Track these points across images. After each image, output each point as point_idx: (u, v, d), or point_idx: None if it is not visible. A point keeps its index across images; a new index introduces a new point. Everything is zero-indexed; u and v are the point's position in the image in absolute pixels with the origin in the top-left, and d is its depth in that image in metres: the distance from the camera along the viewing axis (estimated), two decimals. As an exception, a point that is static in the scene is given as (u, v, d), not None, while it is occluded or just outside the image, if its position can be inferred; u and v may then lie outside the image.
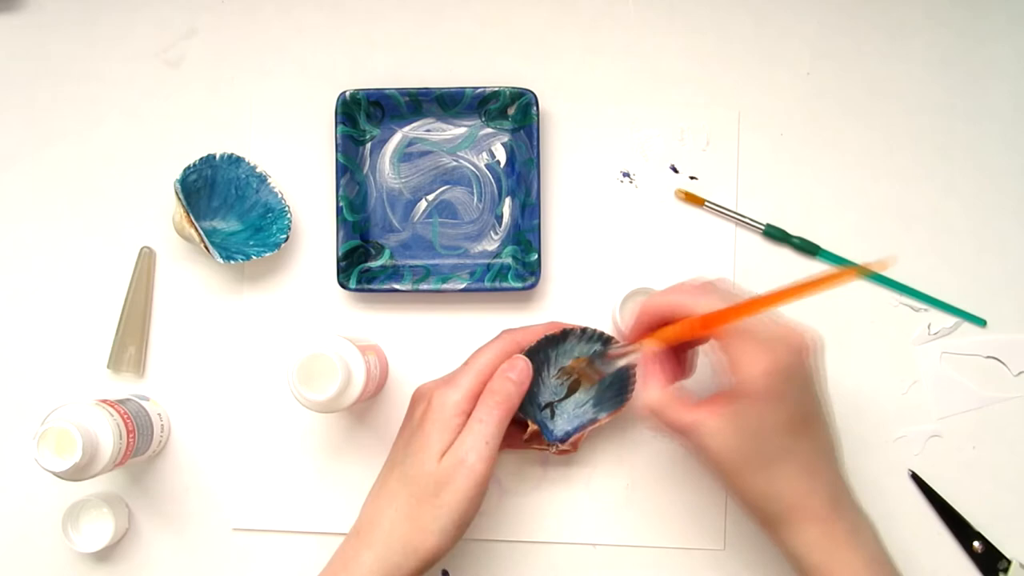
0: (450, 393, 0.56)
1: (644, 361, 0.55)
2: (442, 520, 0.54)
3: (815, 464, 0.52)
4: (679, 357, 0.57)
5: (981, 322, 0.67)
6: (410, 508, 0.55)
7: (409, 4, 0.70)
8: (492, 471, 0.55)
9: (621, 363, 0.57)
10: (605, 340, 0.61)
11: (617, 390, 0.63)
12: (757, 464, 0.51)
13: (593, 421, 0.63)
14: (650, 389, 0.54)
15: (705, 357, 0.59)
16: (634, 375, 0.61)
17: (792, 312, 0.68)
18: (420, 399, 0.59)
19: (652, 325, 0.55)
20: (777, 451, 0.51)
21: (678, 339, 0.54)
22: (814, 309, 0.67)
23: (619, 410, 0.63)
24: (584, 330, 0.61)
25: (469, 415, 0.56)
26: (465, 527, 0.55)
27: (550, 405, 0.62)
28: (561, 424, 0.63)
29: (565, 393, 0.62)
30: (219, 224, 0.69)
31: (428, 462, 0.55)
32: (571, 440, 0.62)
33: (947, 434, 0.67)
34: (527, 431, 0.60)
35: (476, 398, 0.56)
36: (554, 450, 0.62)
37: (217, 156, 0.67)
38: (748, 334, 0.50)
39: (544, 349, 0.60)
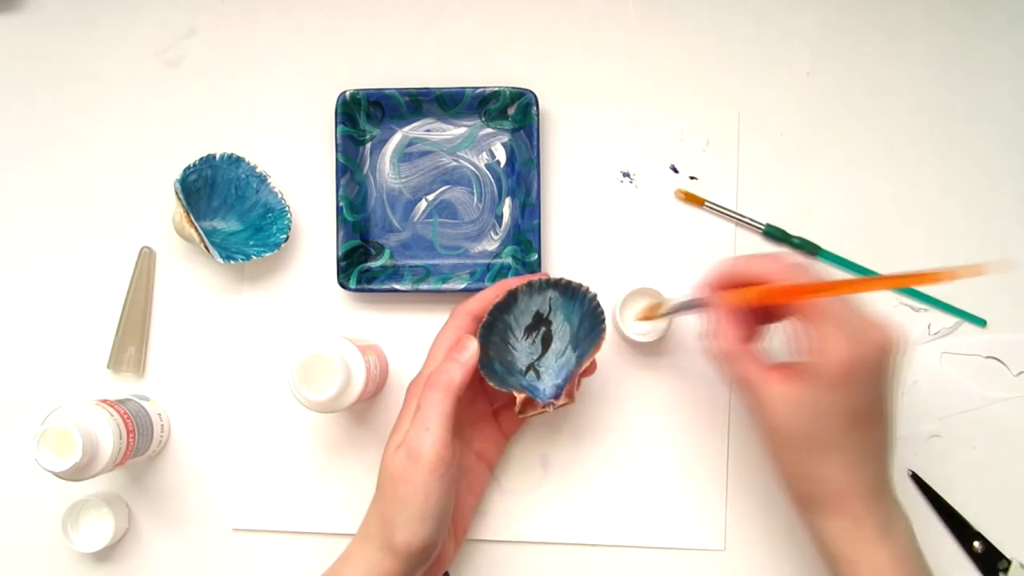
0: (413, 387, 0.57)
1: (719, 312, 0.54)
2: (405, 514, 0.53)
3: (863, 458, 0.52)
4: (752, 326, 0.55)
5: (981, 322, 0.67)
6: (381, 504, 0.55)
7: (409, 4, 0.70)
8: (446, 458, 0.53)
9: (685, 313, 0.57)
10: (554, 284, 0.59)
11: (589, 328, 0.60)
12: (809, 445, 0.51)
13: (579, 365, 0.60)
14: (723, 337, 0.53)
15: (781, 332, 0.58)
16: (602, 310, 0.59)
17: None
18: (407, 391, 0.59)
19: (729, 284, 0.54)
20: (831, 438, 0.51)
21: (759, 302, 0.52)
22: (814, 309, 0.68)
23: (598, 345, 0.60)
24: (530, 284, 0.58)
25: None
26: (437, 520, 0.54)
27: (532, 367, 0.61)
28: (548, 380, 0.61)
29: (540, 350, 0.60)
30: (219, 224, 0.69)
31: (387, 457, 0.55)
32: (565, 391, 0.60)
33: (947, 434, 0.67)
34: (517, 403, 0.58)
35: None
36: (552, 408, 0.59)
37: (217, 156, 0.67)
38: (835, 319, 0.50)
39: (500, 317, 0.58)
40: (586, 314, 0.60)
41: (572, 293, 0.59)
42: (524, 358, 0.60)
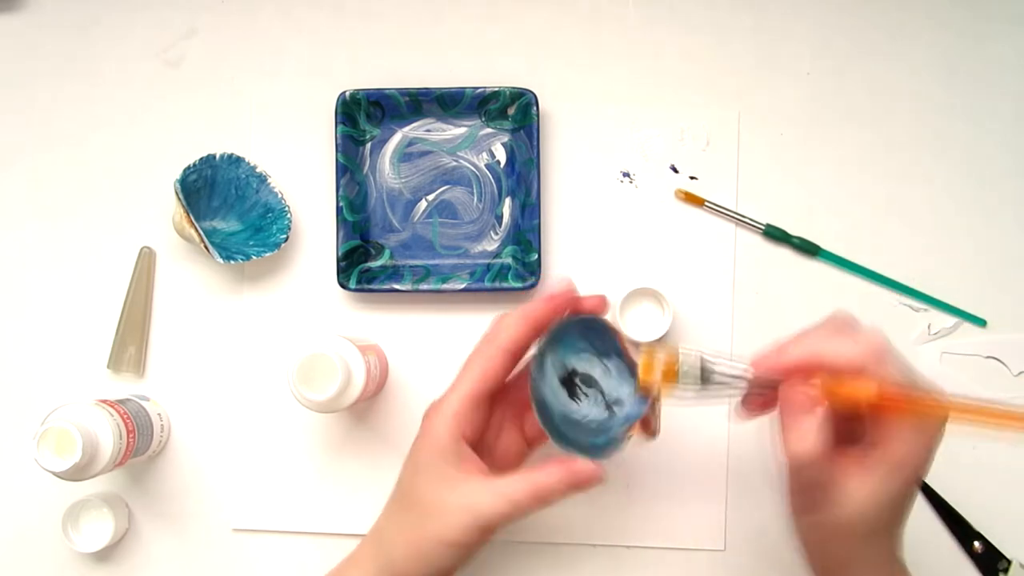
0: (432, 412, 0.54)
1: (814, 407, 0.47)
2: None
3: (900, 542, 0.50)
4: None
5: (981, 322, 0.67)
6: (399, 521, 0.55)
7: (409, 4, 0.70)
8: (468, 417, 0.52)
9: (735, 393, 0.50)
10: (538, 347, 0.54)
11: (604, 340, 0.56)
12: (870, 532, 0.48)
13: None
14: (818, 441, 0.46)
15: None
16: (601, 321, 0.55)
17: (791, 311, 0.68)
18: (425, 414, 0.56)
19: (798, 371, 0.48)
20: (892, 527, 0.48)
21: (845, 402, 0.46)
22: (814, 311, 0.67)
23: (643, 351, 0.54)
24: (583, 320, 0.55)
25: (454, 433, 0.53)
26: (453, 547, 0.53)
27: (609, 406, 0.56)
28: (625, 406, 0.56)
29: (598, 392, 0.56)
30: (219, 224, 0.69)
31: (405, 480, 0.54)
32: (640, 422, 0.54)
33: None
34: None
35: (461, 415, 0.53)
36: (648, 436, 0.55)
37: (217, 156, 0.67)
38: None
39: (564, 421, 0.54)
40: (596, 335, 0.55)
41: (558, 335, 0.55)
42: (595, 412, 0.56)
